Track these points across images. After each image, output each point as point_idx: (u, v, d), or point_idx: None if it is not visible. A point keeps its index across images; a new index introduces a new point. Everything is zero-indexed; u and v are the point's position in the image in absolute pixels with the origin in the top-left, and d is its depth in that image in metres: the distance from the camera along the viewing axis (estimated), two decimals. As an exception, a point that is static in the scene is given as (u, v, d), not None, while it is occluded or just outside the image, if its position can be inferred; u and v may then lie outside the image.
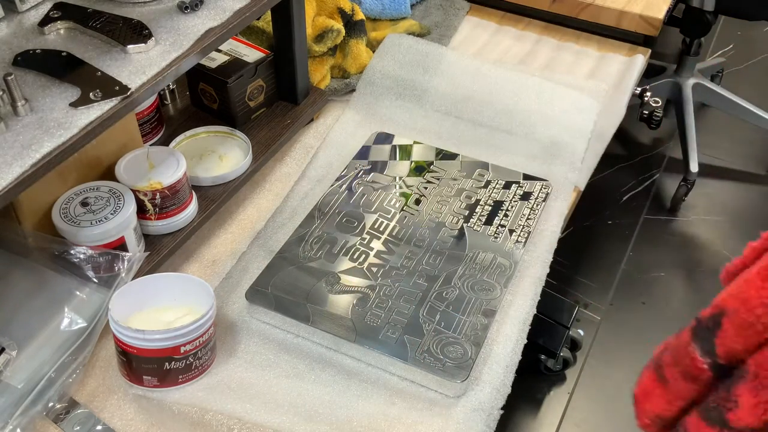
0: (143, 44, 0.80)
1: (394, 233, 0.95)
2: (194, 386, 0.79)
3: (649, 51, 1.30)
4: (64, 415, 0.76)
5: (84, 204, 0.84)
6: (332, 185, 1.01)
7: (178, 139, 1.02)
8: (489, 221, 0.96)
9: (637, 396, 0.58)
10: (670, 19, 1.67)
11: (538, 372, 1.38)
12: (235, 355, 0.84)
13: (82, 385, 0.79)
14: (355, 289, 0.87)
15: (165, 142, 1.02)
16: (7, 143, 0.69)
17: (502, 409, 0.79)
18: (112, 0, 0.86)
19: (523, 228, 0.96)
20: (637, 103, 1.41)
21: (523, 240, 0.94)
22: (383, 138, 1.09)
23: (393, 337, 0.82)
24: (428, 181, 1.02)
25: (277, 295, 0.86)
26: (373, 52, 1.22)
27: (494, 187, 1.02)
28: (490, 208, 0.98)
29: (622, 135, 1.93)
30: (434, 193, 1.00)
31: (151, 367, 0.77)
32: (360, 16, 1.20)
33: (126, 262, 0.82)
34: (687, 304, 1.55)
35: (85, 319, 0.79)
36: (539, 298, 0.90)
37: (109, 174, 0.90)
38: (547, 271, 0.93)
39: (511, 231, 0.95)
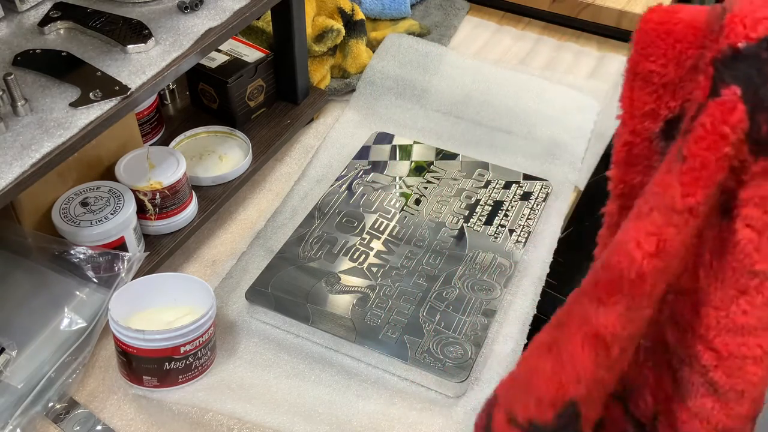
0: (143, 44, 0.80)
1: (394, 233, 0.95)
2: (194, 386, 0.79)
3: (649, 51, 1.30)
4: (64, 415, 0.76)
5: (84, 204, 0.84)
6: (332, 185, 1.01)
7: (178, 139, 1.02)
8: (489, 221, 0.96)
9: None
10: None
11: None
12: (235, 355, 0.84)
13: (82, 385, 0.79)
14: (355, 289, 0.87)
15: (165, 142, 1.02)
16: (6, 143, 0.69)
17: (502, 409, 0.79)
18: (112, 0, 0.86)
19: (523, 228, 0.96)
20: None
21: (523, 240, 0.94)
22: (383, 138, 1.09)
23: (393, 337, 0.82)
24: (428, 181, 1.02)
25: (277, 295, 0.86)
26: (373, 52, 1.22)
27: (494, 187, 1.02)
28: (490, 208, 0.98)
29: (622, 135, 1.92)
30: (434, 193, 1.00)
31: (151, 367, 0.77)
32: (360, 16, 1.20)
33: (126, 262, 0.82)
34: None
35: (85, 319, 0.79)
36: (539, 298, 0.90)
37: (109, 174, 0.90)
38: (547, 271, 0.93)
39: (511, 231, 0.95)
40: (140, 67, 0.78)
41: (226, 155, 1.02)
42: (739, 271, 0.43)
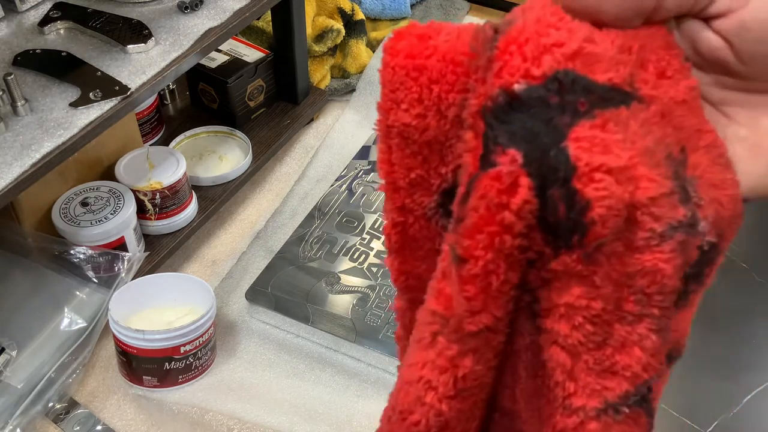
0: (143, 44, 0.80)
1: (394, 233, 0.94)
2: (194, 386, 0.79)
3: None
4: (64, 415, 0.76)
5: (84, 204, 0.84)
6: (332, 185, 1.01)
7: (178, 139, 1.02)
8: (489, 221, 0.96)
9: None
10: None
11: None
12: (235, 355, 0.84)
13: (82, 385, 0.79)
14: (355, 289, 0.87)
15: (165, 142, 1.02)
16: (7, 143, 0.69)
17: (502, 409, 0.79)
18: (112, 0, 0.86)
19: (523, 228, 0.96)
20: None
21: (523, 240, 0.94)
22: (383, 138, 1.09)
23: (393, 337, 0.82)
24: (428, 181, 1.02)
25: (277, 295, 0.86)
26: (373, 52, 1.22)
27: (494, 187, 1.01)
28: (490, 208, 0.98)
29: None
30: (434, 193, 1.00)
31: (151, 367, 0.77)
32: (360, 16, 1.20)
33: (126, 262, 0.82)
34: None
35: (85, 319, 0.79)
36: (539, 298, 0.90)
37: (109, 174, 0.90)
38: (547, 271, 0.93)
39: (511, 231, 0.95)
40: (140, 67, 0.78)
41: (226, 155, 1.02)
42: (552, 402, 0.30)
